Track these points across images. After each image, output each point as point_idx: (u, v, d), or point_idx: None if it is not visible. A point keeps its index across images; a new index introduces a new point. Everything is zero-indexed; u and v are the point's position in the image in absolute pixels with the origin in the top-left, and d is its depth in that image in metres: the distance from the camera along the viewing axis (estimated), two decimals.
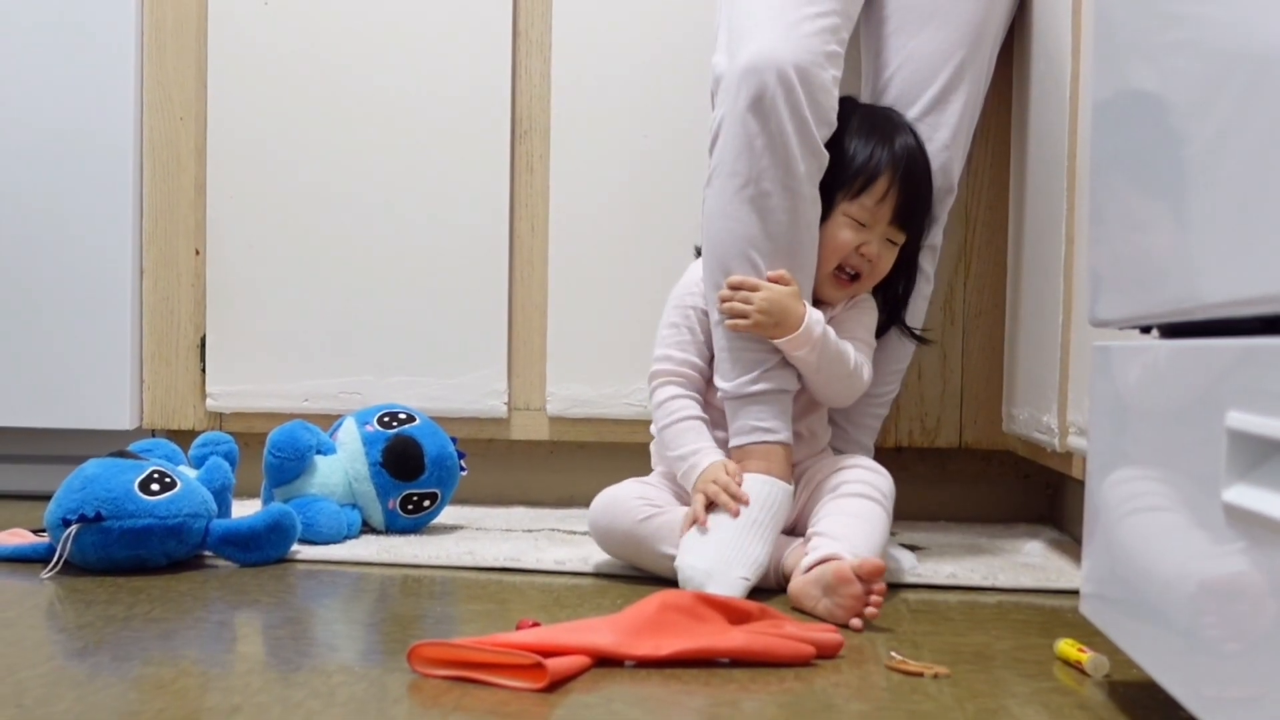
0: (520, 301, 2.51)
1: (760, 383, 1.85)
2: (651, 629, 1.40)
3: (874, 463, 1.92)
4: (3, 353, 2.58)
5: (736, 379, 1.86)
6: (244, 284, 2.56)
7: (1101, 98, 1.26)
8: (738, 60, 1.83)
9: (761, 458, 1.84)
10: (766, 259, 1.83)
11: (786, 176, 1.82)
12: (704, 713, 1.22)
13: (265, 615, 1.61)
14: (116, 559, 1.82)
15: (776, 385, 1.86)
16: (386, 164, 2.52)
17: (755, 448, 1.85)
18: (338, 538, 2.07)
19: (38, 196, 2.58)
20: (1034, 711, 1.23)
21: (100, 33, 2.56)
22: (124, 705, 1.20)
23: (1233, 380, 0.90)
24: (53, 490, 1.90)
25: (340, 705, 1.20)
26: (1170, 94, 1.05)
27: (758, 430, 1.85)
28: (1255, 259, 0.85)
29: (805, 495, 1.91)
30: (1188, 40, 1.01)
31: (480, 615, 1.64)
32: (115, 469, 1.87)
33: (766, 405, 1.86)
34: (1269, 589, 0.81)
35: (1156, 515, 1.06)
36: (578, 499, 2.43)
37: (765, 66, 1.80)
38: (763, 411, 1.86)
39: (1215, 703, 0.91)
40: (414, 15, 2.51)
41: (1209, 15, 0.97)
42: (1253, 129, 0.86)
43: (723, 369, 1.88)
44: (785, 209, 1.83)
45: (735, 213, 1.84)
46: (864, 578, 1.56)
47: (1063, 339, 1.84)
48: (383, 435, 2.16)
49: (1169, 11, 1.07)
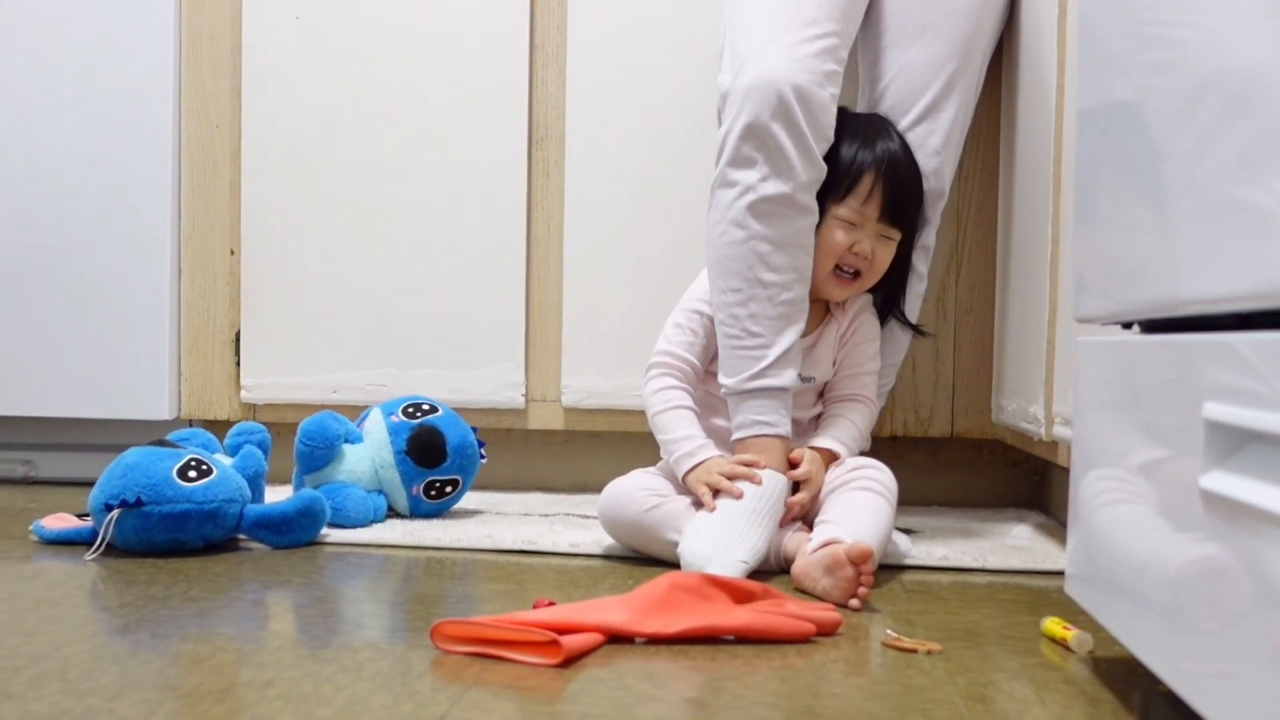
0: (537, 299, 2.52)
1: (760, 379, 1.86)
2: (661, 608, 1.40)
3: (879, 462, 1.92)
4: (50, 348, 2.59)
5: (738, 375, 1.87)
6: (276, 282, 2.56)
7: (1085, 107, 1.26)
8: (741, 79, 1.84)
9: (760, 450, 1.84)
10: (766, 263, 1.84)
11: (786, 187, 1.84)
12: (710, 687, 1.22)
13: (296, 595, 1.62)
14: (156, 542, 1.83)
15: (776, 383, 1.86)
16: (410, 169, 2.52)
17: (754, 440, 1.86)
18: (364, 522, 2.07)
19: (83, 200, 2.58)
20: (1022, 686, 1.23)
21: (142, 46, 2.57)
22: (163, 679, 1.20)
23: (1209, 373, 0.89)
24: (96, 477, 1.91)
25: (367, 680, 1.20)
26: (1149, 105, 1.05)
27: (757, 424, 1.86)
28: (1229, 259, 0.86)
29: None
30: (1166, 56, 1.01)
31: (499, 595, 1.64)
32: (155, 457, 1.88)
33: (766, 400, 1.86)
34: (1243, 570, 0.81)
35: (1137, 501, 1.06)
36: (591, 485, 2.43)
37: (767, 86, 1.82)
38: (762, 406, 1.86)
39: (1193, 677, 0.91)
40: (436, 28, 2.50)
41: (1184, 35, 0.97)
42: (1226, 140, 0.86)
43: (726, 366, 1.89)
44: (784, 217, 1.84)
45: (738, 219, 1.85)
46: (854, 561, 1.56)
47: (1049, 334, 1.84)
48: (407, 425, 2.16)
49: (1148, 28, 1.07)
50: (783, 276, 1.86)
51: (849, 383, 2.02)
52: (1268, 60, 0.81)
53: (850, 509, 1.78)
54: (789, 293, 1.87)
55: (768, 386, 1.86)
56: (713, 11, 2.09)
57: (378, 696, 1.14)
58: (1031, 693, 1.20)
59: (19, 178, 2.59)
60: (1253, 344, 0.82)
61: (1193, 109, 0.94)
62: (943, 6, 2.06)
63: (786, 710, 1.14)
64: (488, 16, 2.49)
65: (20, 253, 2.59)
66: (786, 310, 1.87)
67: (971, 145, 2.30)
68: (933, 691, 1.20)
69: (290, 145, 2.55)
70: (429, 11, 2.51)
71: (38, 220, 2.59)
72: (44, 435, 2.68)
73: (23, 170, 2.59)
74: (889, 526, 1.80)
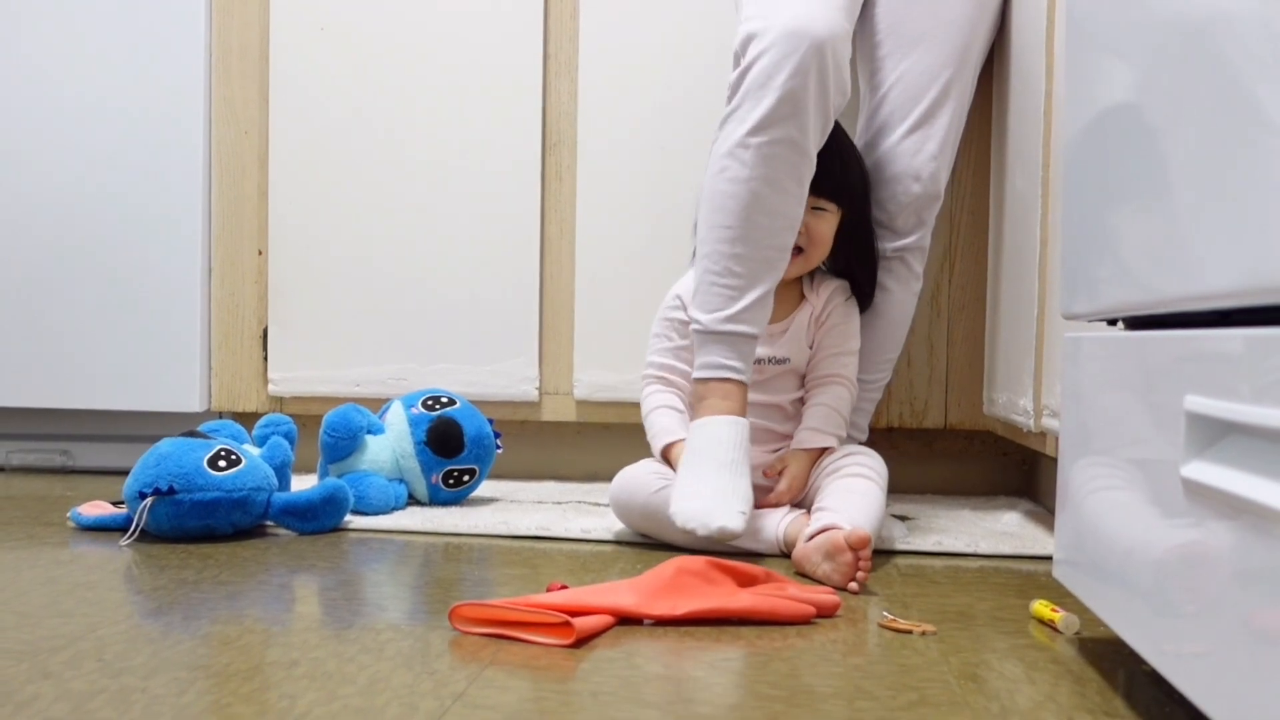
0: (550, 297, 2.52)
1: (732, 323, 1.84)
2: (668, 591, 1.40)
3: (870, 449, 1.93)
4: (87, 343, 2.60)
5: (711, 313, 1.85)
6: (302, 281, 2.56)
7: (1073, 115, 1.26)
8: (776, 21, 1.79)
9: (722, 396, 1.83)
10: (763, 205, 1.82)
11: (797, 133, 1.80)
12: (715, 666, 1.22)
13: (321, 579, 1.62)
14: (187, 528, 1.83)
15: (745, 329, 1.84)
16: (430, 174, 2.52)
17: (716, 384, 1.84)
18: (386, 509, 2.08)
19: (119, 204, 2.58)
20: (1012, 665, 1.23)
21: (174, 58, 2.57)
22: (194, 659, 1.21)
23: (1190, 367, 0.89)
24: (130, 466, 1.92)
25: (388, 659, 1.20)
26: (1134, 110, 1.04)
27: (722, 367, 1.84)
28: (1210, 260, 0.85)
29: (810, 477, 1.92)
30: (1150, 67, 1.01)
31: (514, 579, 1.64)
32: (186, 447, 1.88)
33: (733, 346, 1.84)
34: (1222, 556, 0.81)
35: (1122, 489, 1.06)
36: (602, 474, 2.43)
37: (803, 34, 1.77)
38: (729, 351, 1.84)
39: (1174, 657, 0.91)
40: (454, 39, 2.51)
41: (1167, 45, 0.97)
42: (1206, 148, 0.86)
43: (701, 301, 1.87)
44: (790, 163, 1.81)
45: (744, 157, 1.81)
46: (853, 546, 1.56)
47: (1038, 330, 1.84)
48: (426, 417, 2.17)
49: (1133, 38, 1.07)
50: (775, 221, 1.83)
51: (828, 363, 2.00)
52: (1249, 69, 0.81)
53: (845, 495, 1.78)
54: (778, 239, 1.84)
55: (737, 332, 1.84)
56: (718, 24, 2.09)
57: (399, 675, 1.15)
58: (1021, 672, 1.20)
59: (60, 182, 2.60)
60: (1231, 340, 0.82)
61: (1174, 119, 0.94)
62: (938, 17, 2.05)
63: (788, 688, 1.14)
64: (504, 28, 2.49)
65: (60, 253, 2.60)
66: (771, 256, 1.84)
67: (964, 151, 2.29)
68: (927, 671, 1.20)
69: (315, 151, 2.55)
70: (448, 23, 2.51)
71: (77, 223, 2.60)
72: (81, 427, 2.69)
73: (63, 175, 2.60)
74: (882, 509, 1.81)
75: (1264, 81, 0.78)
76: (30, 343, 2.61)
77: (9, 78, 2.60)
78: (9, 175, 2.61)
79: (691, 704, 1.11)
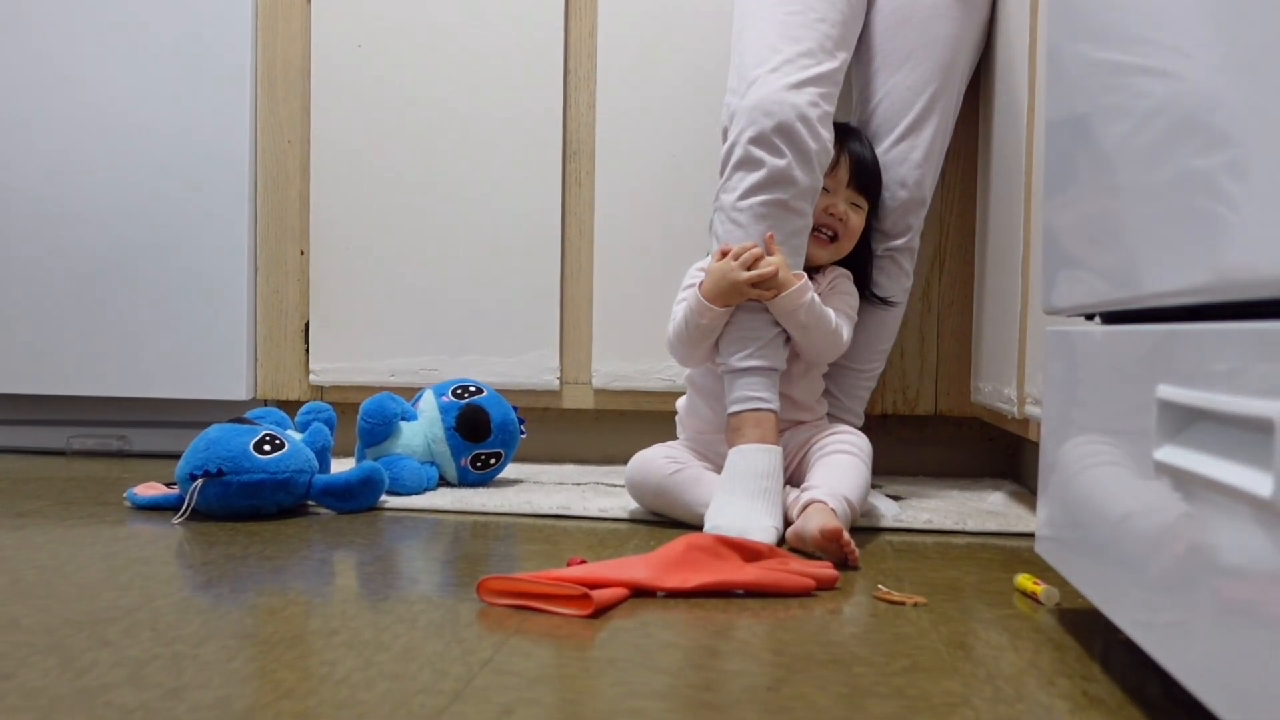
0: (570, 294, 2.52)
1: (753, 359, 1.85)
2: (679, 565, 1.40)
3: (854, 429, 1.93)
4: (143, 336, 2.60)
5: (733, 355, 1.86)
6: (341, 279, 2.57)
7: (1052, 122, 1.26)
8: (746, 100, 1.86)
9: (755, 425, 1.83)
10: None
11: (784, 194, 1.84)
12: (723, 634, 1.22)
13: (358, 554, 1.62)
14: (235, 508, 1.83)
15: (768, 363, 1.86)
16: (459, 180, 2.52)
17: (749, 414, 1.84)
18: (418, 490, 2.08)
19: (173, 208, 2.59)
20: (997, 634, 1.23)
21: (222, 72, 2.57)
22: (241, 629, 1.21)
23: (1162, 358, 0.89)
24: (182, 450, 1.92)
25: (421, 629, 1.20)
26: (1109, 122, 1.04)
27: (752, 400, 1.85)
28: (1180, 258, 0.85)
29: (800, 456, 1.91)
30: (1124, 80, 1.01)
31: (537, 554, 1.64)
32: (234, 432, 1.88)
33: (759, 378, 1.85)
34: (1192, 533, 0.81)
35: (1099, 471, 1.06)
36: (618, 458, 2.43)
37: (771, 107, 1.84)
38: (756, 383, 1.85)
39: (1148, 626, 0.91)
40: (481, 54, 2.50)
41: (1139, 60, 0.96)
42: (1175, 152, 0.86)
43: (723, 346, 1.88)
44: (780, 219, 1.85)
45: (739, 218, 1.86)
46: (829, 540, 1.56)
47: (1021, 324, 1.84)
48: (456, 404, 2.17)
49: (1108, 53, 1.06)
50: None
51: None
52: (1211, 80, 0.80)
53: (830, 470, 1.79)
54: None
55: (761, 366, 1.86)
56: (727, 40, 2.08)
57: (430, 643, 1.15)
58: (1006, 640, 1.20)
59: (120, 190, 2.60)
60: (1201, 334, 0.82)
61: (1145, 128, 0.94)
62: (924, 37, 2.06)
63: (790, 655, 1.14)
64: (527, 45, 2.49)
65: (119, 256, 2.61)
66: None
67: (953, 158, 2.29)
68: (918, 639, 1.20)
69: (354, 159, 2.55)
70: (475, 40, 2.51)
71: (135, 226, 2.60)
72: (136, 413, 2.69)
73: (123, 183, 2.60)
74: (864, 480, 1.80)
75: (1222, 106, 0.77)
76: (91, 337, 2.62)
77: (79, 98, 2.60)
78: (75, 184, 2.61)
79: (701, 670, 1.11)
